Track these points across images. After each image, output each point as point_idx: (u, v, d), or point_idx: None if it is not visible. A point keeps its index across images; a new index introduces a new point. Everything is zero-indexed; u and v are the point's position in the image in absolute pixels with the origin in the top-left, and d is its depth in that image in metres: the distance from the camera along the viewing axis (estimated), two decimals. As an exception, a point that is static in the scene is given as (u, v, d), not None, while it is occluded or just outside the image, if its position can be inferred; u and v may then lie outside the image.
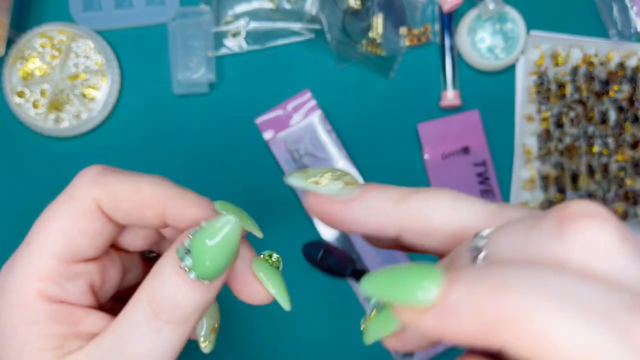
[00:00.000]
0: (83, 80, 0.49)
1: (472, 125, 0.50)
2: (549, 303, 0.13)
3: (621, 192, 0.50)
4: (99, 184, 0.23)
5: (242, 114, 0.50)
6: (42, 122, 0.49)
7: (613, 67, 0.51)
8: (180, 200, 0.23)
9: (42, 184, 0.50)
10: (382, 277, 0.16)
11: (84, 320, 0.23)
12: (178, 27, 0.50)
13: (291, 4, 0.50)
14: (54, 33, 0.49)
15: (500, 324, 0.13)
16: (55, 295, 0.22)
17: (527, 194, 0.50)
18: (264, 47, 0.51)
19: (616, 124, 0.50)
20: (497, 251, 0.16)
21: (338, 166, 0.49)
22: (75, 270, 0.23)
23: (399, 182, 0.52)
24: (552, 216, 0.15)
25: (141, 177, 0.23)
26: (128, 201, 0.22)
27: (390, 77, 0.51)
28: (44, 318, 0.22)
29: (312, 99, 0.49)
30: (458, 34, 0.51)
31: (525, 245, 0.16)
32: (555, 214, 0.15)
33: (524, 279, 0.14)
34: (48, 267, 0.22)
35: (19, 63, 0.49)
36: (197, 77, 0.49)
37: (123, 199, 0.22)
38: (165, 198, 0.23)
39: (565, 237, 0.15)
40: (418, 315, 0.15)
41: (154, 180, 0.23)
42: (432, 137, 0.50)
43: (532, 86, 0.51)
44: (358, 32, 0.50)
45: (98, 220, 0.23)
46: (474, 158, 0.50)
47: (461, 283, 0.14)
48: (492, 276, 0.14)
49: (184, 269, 0.21)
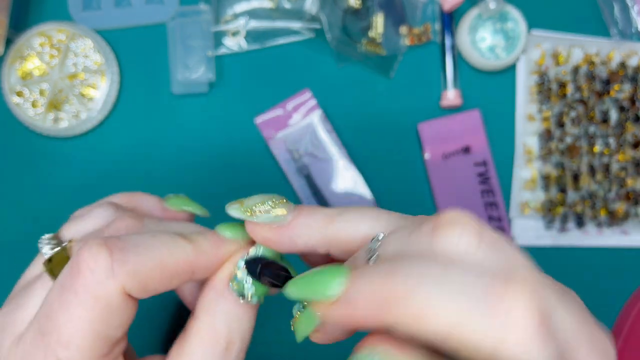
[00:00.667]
0: (82, 80, 0.49)
1: (473, 125, 0.50)
2: (425, 285, 0.17)
3: (622, 192, 0.50)
4: (120, 272, 0.20)
5: (242, 114, 0.50)
6: (41, 122, 0.48)
7: (614, 67, 0.50)
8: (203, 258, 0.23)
9: (41, 184, 0.50)
10: (301, 281, 0.20)
11: None
12: (177, 27, 0.49)
13: (291, 3, 0.50)
14: (53, 32, 0.49)
15: (389, 305, 0.17)
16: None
17: (528, 193, 0.50)
18: (263, 47, 0.50)
19: (617, 124, 0.50)
20: (386, 251, 0.20)
21: (338, 166, 0.49)
22: (113, 355, 0.22)
23: (399, 182, 0.52)
24: (428, 223, 0.19)
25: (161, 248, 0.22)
26: (157, 281, 0.22)
27: (391, 76, 0.51)
28: None
29: (312, 99, 0.49)
30: (459, 33, 0.50)
31: (407, 245, 0.19)
32: (430, 221, 0.19)
33: (405, 269, 0.17)
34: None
35: (17, 62, 0.49)
36: (197, 77, 0.49)
37: (150, 279, 0.21)
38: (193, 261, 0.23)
39: (435, 240, 0.18)
40: (329, 308, 0.18)
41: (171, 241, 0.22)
42: (432, 136, 0.50)
43: (533, 86, 0.50)
44: (358, 31, 0.50)
45: (129, 307, 0.21)
46: (474, 158, 0.50)
47: (358, 277, 0.18)
48: (381, 269, 0.18)
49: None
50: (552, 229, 0.50)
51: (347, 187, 0.49)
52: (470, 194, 0.50)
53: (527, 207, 0.50)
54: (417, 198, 0.51)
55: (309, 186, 0.49)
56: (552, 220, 0.50)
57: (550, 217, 0.50)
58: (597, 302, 0.51)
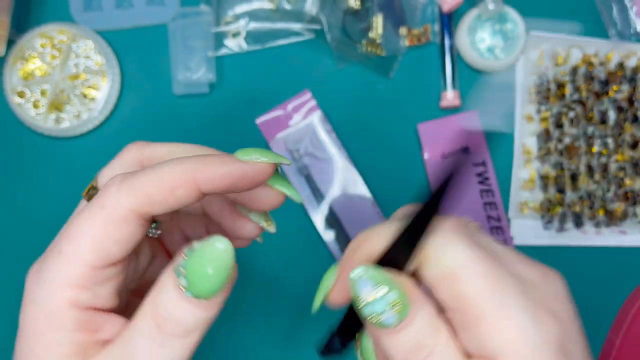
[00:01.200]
0: (83, 81, 0.49)
1: (472, 126, 0.50)
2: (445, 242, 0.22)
3: (620, 192, 0.50)
4: (126, 189, 0.22)
5: (242, 114, 0.50)
6: (43, 122, 0.49)
7: (613, 67, 0.51)
8: (205, 169, 0.23)
9: (42, 184, 0.50)
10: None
11: (103, 327, 0.23)
12: (178, 28, 0.50)
13: (291, 4, 0.50)
14: (54, 33, 0.49)
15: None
16: (85, 301, 0.23)
17: (527, 193, 0.50)
18: (264, 47, 0.51)
19: (616, 124, 0.50)
20: None
21: (338, 166, 0.49)
22: (105, 275, 0.23)
23: (398, 182, 0.52)
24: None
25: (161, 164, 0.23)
26: (158, 193, 0.22)
27: (390, 77, 0.51)
28: (70, 325, 0.22)
29: (312, 99, 0.49)
30: (458, 34, 0.51)
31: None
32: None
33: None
34: (80, 274, 0.22)
35: (19, 63, 0.49)
36: (197, 77, 0.49)
37: (153, 193, 0.22)
38: (192, 173, 0.23)
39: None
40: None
41: (173, 160, 0.23)
42: (431, 137, 0.50)
43: (532, 86, 0.51)
44: (358, 32, 0.50)
45: (130, 226, 0.23)
46: (473, 158, 0.50)
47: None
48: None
49: (182, 287, 0.21)
50: (550, 228, 0.50)
51: (347, 187, 0.49)
52: (469, 194, 0.50)
53: (525, 207, 0.50)
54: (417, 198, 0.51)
55: (309, 186, 0.49)
56: (550, 220, 0.50)
57: (549, 217, 0.50)
58: (596, 302, 0.51)
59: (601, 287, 0.51)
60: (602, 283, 0.51)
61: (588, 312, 0.51)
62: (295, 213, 0.50)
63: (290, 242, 0.50)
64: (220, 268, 0.21)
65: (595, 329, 0.51)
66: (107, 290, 0.23)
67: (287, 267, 0.50)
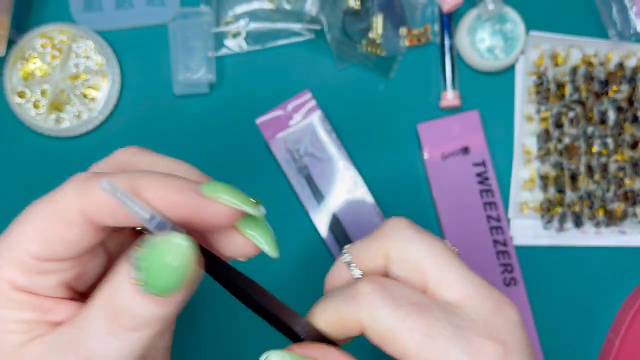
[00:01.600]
0: (83, 81, 0.49)
1: (472, 126, 0.50)
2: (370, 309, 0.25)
3: (620, 192, 0.50)
4: (83, 190, 0.22)
5: (243, 115, 0.50)
6: (43, 122, 0.49)
7: (612, 68, 0.51)
8: (160, 189, 0.22)
9: (42, 184, 0.50)
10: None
11: (54, 309, 0.23)
12: (178, 28, 0.50)
13: (291, 5, 0.50)
14: (55, 33, 0.49)
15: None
16: (25, 287, 0.22)
17: (527, 193, 0.50)
18: (264, 48, 0.51)
19: (615, 124, 0.50)
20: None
21: (338, 166, 0.49)
22: (47, 268, 0.22)
23: (398, 182, 0.52)
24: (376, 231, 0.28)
25: (127, 174, 0.22)
26: (108, 205, 0.22)
27: (390, 77, 0.51)
28: (13, 305, 0.22)
29: (312, 99, 0.49)
30: (458, 34, 0.51)
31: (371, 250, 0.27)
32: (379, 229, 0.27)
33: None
34: (20, 260, 0.22)
35: (19, 63, 0.49)
36: (198, 78, 0.49)
37: (104, 203, 0.22)
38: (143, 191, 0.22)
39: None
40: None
41: (131, 175, 0.22)
42: (431, 137, 0.50)
43: (532, 86, 0.51)
44: (358, 32, 0.50)
45: (77, 228, 0.22)
46: (473, 158, 0.50)
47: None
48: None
49: (136, 281, 0.20)
50: (550, 228, 0.50)
51: (347, 187, 0.49)
52: (469, 193, 0.50)
53: (525, 207, 0.50)
54: (416, 198, 0.51)
55: (309, 186, 0.49)
56: (550, 220, 0.50)
57: (549, 217, 0.50)
58: (595, 302, 0.51)
59: (601, 287, 0.51)
60: (602, 283, 0.51)
61: (588, 312, 0.51)
62: (295, 213, 0.50)
63: (290, 243, 0.50)
64: (178, 266, 0.20)
65: (595, 329, 0.51)
66: (50, 282, 0.23)
67: (287, 268, 0.50)
